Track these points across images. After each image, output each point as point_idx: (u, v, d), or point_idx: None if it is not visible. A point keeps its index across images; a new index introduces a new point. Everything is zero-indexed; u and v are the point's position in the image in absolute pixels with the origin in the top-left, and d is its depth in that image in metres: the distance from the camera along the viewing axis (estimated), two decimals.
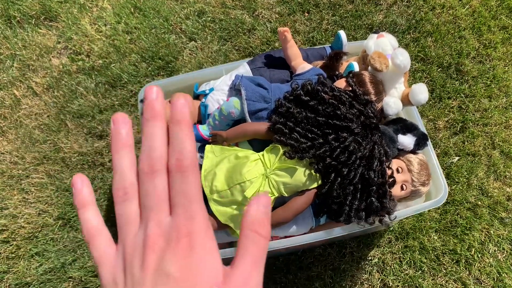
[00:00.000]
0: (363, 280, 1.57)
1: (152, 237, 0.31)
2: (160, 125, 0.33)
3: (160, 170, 0.32)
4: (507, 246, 1.63)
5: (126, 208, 0.33)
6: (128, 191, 0.34)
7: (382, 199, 1.12)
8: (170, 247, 0.31)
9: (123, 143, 0.34)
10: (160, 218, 0.32)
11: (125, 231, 0.33)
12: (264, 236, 0.33)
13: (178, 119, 0.33)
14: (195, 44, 1.94)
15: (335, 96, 1.12)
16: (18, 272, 1.56)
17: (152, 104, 0.33)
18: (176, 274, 0.30)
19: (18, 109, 1.81)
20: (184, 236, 0.31)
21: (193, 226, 0.31)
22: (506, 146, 1.77)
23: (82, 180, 0.36)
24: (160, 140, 0.33)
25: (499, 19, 2.04)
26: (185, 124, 0.33)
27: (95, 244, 0.35)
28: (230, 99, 1.24)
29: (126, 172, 0.34)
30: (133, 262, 0.32)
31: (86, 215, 0.35)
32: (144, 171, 0.33)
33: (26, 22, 1.98)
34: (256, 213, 0.33)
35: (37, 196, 1.66)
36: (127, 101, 1.82)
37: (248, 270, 0.32)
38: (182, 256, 0.30)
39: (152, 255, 0.31)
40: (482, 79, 1.90)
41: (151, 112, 0.33)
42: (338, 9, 2.02)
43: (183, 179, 0.32)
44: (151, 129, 0.33)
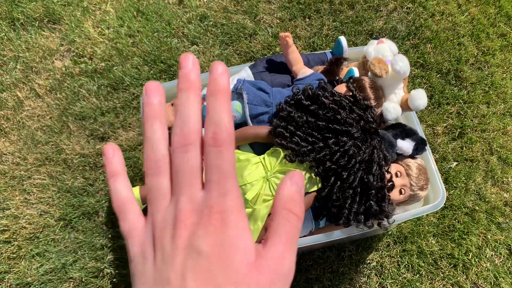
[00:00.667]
0: (361, 283, 1.58)
1: (184, 212, 0.30)
2: (195, 96, 0.32)
3: (194, 143, 0.31)
4: (504, 251, 1.64)
5: (157, 181, 0.32)
6: (161, 164, 0.32)
7: (381, 202, 1.14)
8: (202, 223, 0.30)
9: (156, 113, 0.33)
10: (193, 193, 0.31)
11: (156, 205, 0.32)
12: (298, 215, 0.32)
13: (216, 89, 0.31)
14: (197, 48, 1.96)
15: (335, 101, 1.13)
16: (19, 272, 1.57)
17: (187, 74, 0.32)
18: (207, 251, 0.29)
19: (21, 110, 1.83)
20: (216, 212, 0.30)
21: (226, 203, 0.30)
22: (503, 152, 1.79)
23: (114, 149, 0.35)
24: (194, 111, 0.31)
25: (498, 26, 2.06)
26: (224, 95, 0.31)
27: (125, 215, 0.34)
28: (232, 103, 1.26)
29: (158, 143, 0.33)
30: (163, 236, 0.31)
31: (117, 185, 0.34)
32: (177, 143, 0.31)
33: (30, 25, 2.00)
34: (289, 192, 0.32)
35: (39, 197, 1.68)
36: (129, 104, 1.83)
37: (281, 249, 0.31)
38: (214, 233, 0.29)
39: (183, 230, 0.30)
40: (480, 86, 1.92)
41: (186, 82, 0.32)
42: (338, 15, 2.04)
43: (218, 154, 0.30)
44: (185, 100, 0.31)
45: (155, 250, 0.31)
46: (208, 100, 0.31)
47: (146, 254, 0.31)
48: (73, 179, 1.70)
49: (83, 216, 1.65)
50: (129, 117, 1.81)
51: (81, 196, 1.67)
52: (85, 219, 1.65)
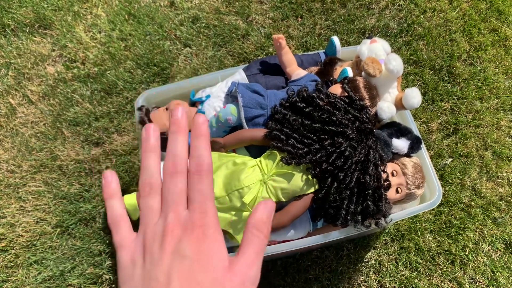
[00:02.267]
0: (360, 282, 1.59)
1: (171, 225, 0.37)
2: (183, 137, 0.40)
3: (181, 171, 0.39)
4: (500, 245, 1.65)
5: (150, 201, 0.39)
6: (154, 187, 0.40)
7: (378, 202, 1.14)
8: (186, 234, 0.36)
9: (152, 147, 0.41)
10: (179, 211, 0.38)
11: (147, 220, 0.39)
12: (265, 235, 0.40)
13: (199, 133, 0.40)
14: (190, 50, 1.96)
15: (330, 102, 1.14)
16: (17, 280, 1.56)
17: (178, 121, 0.41)
18: (190, 255, 0.35)
19: (14, 117, 1.81)
20: (198, 226, 0.37)
21: (206, 219, 0.38)
22: (498, 147, 1.80)
23: (112, 174, 0.43)
24: (182, 148, 0.40)
25: (489, 21, 2.07)
26: (204, 138, 0.40)
27: (118, 229, 0.40)
28: (227, 106, 1.26)
29: (153, 171, 0.40)
30: (153, 244, 0.37)
31: (112, 204, 0.42)
32: (168, 171, 0.39)
33: (20, 30, 1.99)
34: (261, 216, 0.40)
35: (35, 205, 1.67)
36: (123, 108, 1.83)
37: (251, 258, 0.38)
38: (196, 242, 0.36)
39: (170, 239, 0.36)
40: (473, 81, 1.93)
41: (177, 127, 0.40)
42: (331, 14, 2.04)
43: (200, 180, 0.38)
44: (175, 140, 0.40)
45: (144, 257, 0.37)
46: (192, 141, 0.40)
47: (136, 261, 0.37)
48: (68, 185, 1.69)
49: (80, 222, 1.65)
50: (123, 122, 1.80)
51: (77, 203, 1.67)
52: (82, 225, 1.64)
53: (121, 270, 0.38)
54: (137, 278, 0.36)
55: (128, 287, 0.36)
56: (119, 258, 0.38)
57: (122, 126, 1.80)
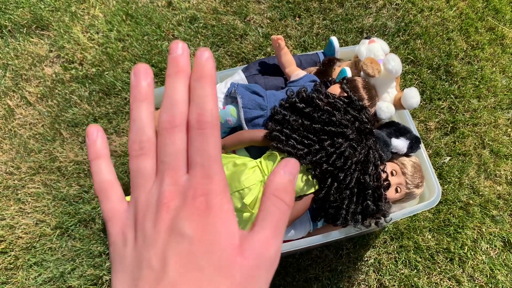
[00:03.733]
0: (360, 280, 1.60)
1: (167, 194, 0.30)
2: (183, 81, 0.31)
3: (180, 125, 0.31)
4: (498, 243, 1.67)
5: (141, 163, 0.32)
6: (145, 145, 0.32)
7: (377, 202, 1.15)
8: (185, 205, 0.29)
9: (144, 95, 0.32)
10: (177, 176, 0.30)
11: (139, 187, 0.32)
12: (288, 203, 0.31)
13: (201, 74, 0.30)
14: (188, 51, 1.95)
15: (330, 103, 1.14)
16: (17, 282, 1.56)
17: (176, 59, 0.31)
18: (190, 234, 0.28)
19: (12, 119, 1.81)
20: (200, 195, 0.29)
21: (211, 186, 0.30)
22: (495, 145, 1.81)
23: (98, 130, 0.34)
24: (182, 95, 0.31)
25: (486, 20, 2.08)
26: (208, 80, 0.31)
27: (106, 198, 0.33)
28: (227, 107, 1.26)
29: (144, 125, 0.32)
30: (145, 219, 0.30)
31: (98, 167, 0.34)
32: (163, 125, 0.31)
33: (18, 32, 1.98)
34: (281, 180, 0.31)
35: (34, 206, 1.67)
36: (121, 109, 1.83)
37: (267, 235, 0.30)
38: (197, 216, 0.29)
39: (166, 213, 0.29)
40: (470, 80, 1.94)
41: (175, 67, 0.31)
42: (328, 13, 2.04)
43: (203, 136, 0.30)
44: (173, 84, 0.31)
45: (136, 234, 0.30)
46: (192, 85, 0.31)
47: (127, 237, 0.31)
48: (68, 186, 1.69)
49: (79, 223, 1.65)
50: (122, 122, 1.80)
51: (76, 204, 1.67)
52: (81, 226, 1.64)
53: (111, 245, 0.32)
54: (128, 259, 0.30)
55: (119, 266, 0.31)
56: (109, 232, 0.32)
57: (120, 127, 1.79)
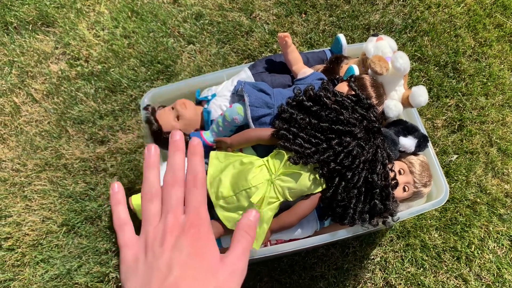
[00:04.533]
0: (366, 279, 1.59)
1: (171, 225, 0.43)
2: (181, 155, 0.48)
3: (179, 183, 0.46)
4: (506, 242, 1.66)
5: (151, 206, 0.46)
6: (154, 194, 0.46)
7: (385, 201, 1.14)
8: (184, 233, 0.43)
9: (153, 163, 0.48)
10: (177, 214, 0.44)
11: (148, 222, 0.45)
12: (251, 236, 0.47)
13: (194, 152, 0.48)
14: (194, 48, 1.95)
15: (337, 101, 1.13)
16: (24, 279, 1.57)
17: (176, 142, 0.48)
18: (188, 250, 0.41)
19: (18, 116, 1.81)
20: (194, 226, 0.43)
21: (200, 222, 0.44)
22: (503, 143, 1.80)
23: (119, 185, 0.49)
24: (180, 164, 0.47)
25: (494, 17, 2.06)
26: (198, 156, 0.48)
27: (123, 232, 0.46)
28: (233, 106, 1.25)
29: (153, 182, 0.47)
30: (154, 243, 0.43)
31: (118, 210, 0.47)
32: (168, 182, 0.46)
33: (23, 28, 1.98)
34: (248, 221, 0.47)
35: (40, 203, 1.67)
36: (127, 106, 1.82)
37: (238, 255, 0.45)
38: (192, 239, 0.42)
39: (170, 237, 0.42)
40: (478, 77, 1.92)
41: (176, 147, 0.48)
42: (335, 10, 2.03)
43: (195, 190, 0.46)
44: (174, 158, 0.47)
45: (146, 254, 0.43)
46: (189, 158, 0.48)
47: (139, 258, 0.43)
48: (74, 184, 1.69)
49: (85, 221, 1.65)
50: (128, 120, 1.80)
51: (83, 201, 1.67)
52: (88, 224, 1.65)
53: (124, 266, 0.43)
54: (141, 271, 0.41)
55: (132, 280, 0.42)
56: (123, 256, 0.44)
57: (126, 124, 1.79)
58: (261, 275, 1.58)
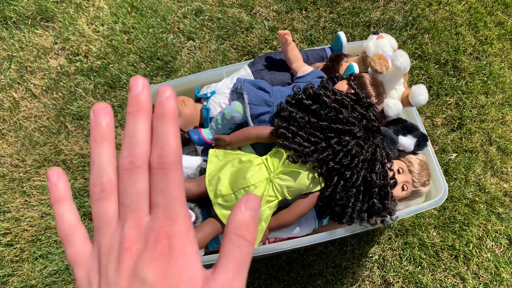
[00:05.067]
0: (364, 277, 1.60)
1: (129, 238, 0.29)
2: (144, 119, 0.30)
3: (141, 166, 0.30)
4: (504, 241, 1.66)
5: (103, 206, 0.31)
6: (106, 187, 0.31)
7: (384, 200, 1.14)
8: (147, 250, 0.29)
9: (103, 135, 0.32)
10: (139, 218, 0.30)
11: (101, 231, 0.31)
12: (250, 241, 0.30)
13: (162, 112, 0.30)
14: (193, 44, 1.94)
15: (337, 100, 1.13)
16: (23, 275, 1.57)
17: (137, 96, 0.30)
18: (152, 280, 0.28)
19: (17, 111, 1.81)
20: (163, 238, 0.29)
21: (173, 228, 0.29)
22: (502, 142, 1.79)
23: (58, 173, 0.34)
24: (143, 134, 0.30)
25: (495, 15, 2.05)
26: (169, 118, 0.30)
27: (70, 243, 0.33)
28: (233, 103, 1.25)
29: (104, 167, 0.31)
30: (108, 263, 0.30)
31: (61, 210, 0.33)
32: (124, 166, 0.30)
33: (22, 23, 1.97)
34: (243, 217, 0.30)
35: (39, 199, 1.67)
36: (126, 102, 1.82)
37: (230, 276, 0.30)
38: (159, 260, 0.28)
39: (128, 258, 0.29)
40: (478, 76, 1.91)
41: (135, 105, 0.30)
42: (335, 7, 2.02)
43: (164, 176, 0.29)
44: (134, 123, 0.30)
45: (100, 277, 0.30)
46: (154, 123, 0.30)
47: (92, 281, 0.31)
48: (73, 180, 1.69)
49: (84, 216, 1.65)
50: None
51: (81, 197, 1.67)
52: (86, 219, 1.65)
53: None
54: None
55: None
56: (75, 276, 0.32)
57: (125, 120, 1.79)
58: (259, 272, 1.58)
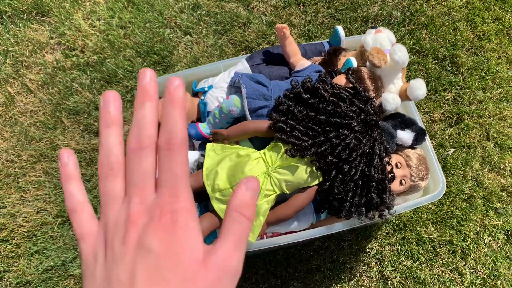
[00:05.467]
0: (361, 272, 1.59)
1: (135, 212, 0.32)
2: (152, 106, 0.33)
3: (148, 147, 0.33)
4: (501, 236, 1.66)
5: (110, 184, 0.33)
6: (113, 166, 0.34)
7: (382, 194, 1.14)
8: (152, 223, 0.31)
9: (112, 119, 0.34)
10: (145, 195, 0.32)
11: (108, 207, 0.33)
12: (249, 218, 0.33)
13: (172, 99, 0.32)
14: (190, 38, 1.93)
15: (335, 94, 1.12)
16: (19, 270, 1.56)
17: (145, 86, 0.33)
18: (157, 249, 0.30)
19: (13, 106, 1.79)
20: (167, 213, 0.31)
21: (177, 204, 0.31)
22: (500, 138, 1.79)
23: (69, 154, 0.36)
24: (150, 119, 0.33)
25: (493, 10, 2.05)
26: (178, 105, 0.32)
27: (78, 218, 0.35)
28: (230, 97, 1.24)
29: (112, 147, 0.34)
30: (114, 236, 0.32)
31: (70, 188, 0.35)
32: (132, 147, 0.33)
33: (18, 17, 1.95)
34: (243, 197, 0.33)
35: (35, 194, 1.66)
36: (123, 97, 1.81)
37: (229, 248, 0.32)
38: (164, 232, 0.31)
39: (133, 230, 0.31)
40: (476, 71, 1.91)
41: (143, 93, 0.33)
42: (333, 2, 2.01)
43: (171, 157, 0.32)
44: (142, 109, 0.33)
45: (106, 251, 0.32)
46: (163, 108, 0.32)
47: (98, 255, 0.32)
48: None
49: None
50: (124, 111, 1.78)
51: None
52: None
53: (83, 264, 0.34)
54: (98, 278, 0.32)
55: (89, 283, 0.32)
56: (81, 251, 0.34)
57: (122, 115, 1.77)
58: (257, 267, 1.58)
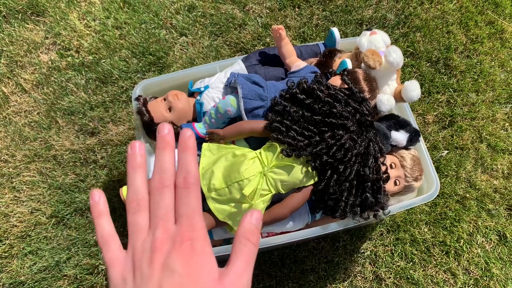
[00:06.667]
0: (356, 272, 1.60)
1: (160, 240, 0.37)
2: (170, 152, 0.41)
3: (169, 186, 0.40)
4: (494, 237, 1.67)
5: (137, 217, 0.40)
6: (141, 203, 0.40)
7: (376, 194, 1.15)
8: (175, 248, 0.36)
9: (138, 164, 0.42)
10: (167, 225, 0.38)
11: (135, 237, 0.39)
12: (254, 243, 0.40)
13: (185, 146, 0.40)
14: (186, 40, 1.93)
15: (330, 95, 1.13)
16: (12, 271, 1.55)
17: (164, 137, 0.41)
18: (180, 270, 0.35)
19: (7, 106, 1.78)
20: (187, 240, 0.37)
21: (194, 233, 0.38)
22: (493, 140, 1.81)
23: (100, 193, 0.42)
24: (169, 163, 0.40)
25: (486, 14, 2.07)
26: (191, 151, 0.40)
27: (108, 248, 0.40)
28: (227, 97, 1.24)
29: (139, 187, 0.41)
30: (142, 261, 0.37)
31: (101, 223, 0.41)
32: (156, 186, 0.40)
33: (13, 17, 1.95)
34: (249, 225, 0.40)
35: (29, 195, 1.65)
36: (118, 98, 1.81)
37: (241, 268, 0.38)
38: (185, 256, 0.36)
39: (159, 254, 0.37)
40: (469, 74, 1.93)
41: (164, 143, 0.41)
42: (328, 4, 2.03)
43: (187, 193, 0.39)
44: (162, 156, 0.41)
45: (134, 274, 0.37)
46: (179, 155, 0.40)
47: (126, 279, 0.38)
48: (63, 175, 1.68)
49: (75, 212, 1.63)
50: (118, 111, 1.78)
51: (72, 193, 1.65)
52: (77, 215, 1.63)
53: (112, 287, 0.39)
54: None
55: None
56: (110, 276, 0.39)
57: (117, 115, 1.77)
58: None
